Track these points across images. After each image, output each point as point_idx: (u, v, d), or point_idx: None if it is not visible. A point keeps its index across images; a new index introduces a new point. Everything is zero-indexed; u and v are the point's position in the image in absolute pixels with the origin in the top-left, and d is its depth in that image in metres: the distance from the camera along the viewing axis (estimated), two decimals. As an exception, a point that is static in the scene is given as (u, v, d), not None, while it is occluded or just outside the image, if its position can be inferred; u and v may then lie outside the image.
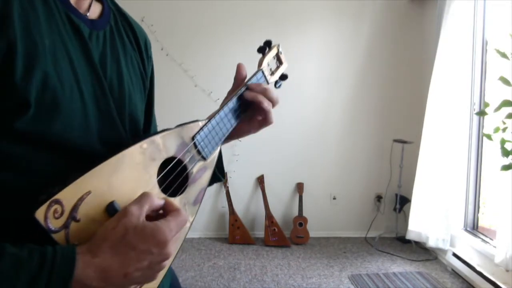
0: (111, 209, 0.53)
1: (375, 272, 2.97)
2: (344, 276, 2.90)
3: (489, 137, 2.16)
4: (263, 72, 0.82)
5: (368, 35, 3.57)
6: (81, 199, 0.50)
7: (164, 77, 3.43)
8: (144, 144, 0.57)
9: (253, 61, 0.88)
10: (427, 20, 3.45)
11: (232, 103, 0.73)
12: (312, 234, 3.54)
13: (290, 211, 3.64)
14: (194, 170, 0.67)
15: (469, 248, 2.84)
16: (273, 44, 0.87)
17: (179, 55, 3.43)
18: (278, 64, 0.90)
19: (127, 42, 0.72)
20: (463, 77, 2.87)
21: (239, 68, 0.79)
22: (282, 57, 0.90)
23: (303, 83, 3.56)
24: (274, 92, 0.77)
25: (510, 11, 2.41)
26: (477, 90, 2.90)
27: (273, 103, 0.77)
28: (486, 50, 2.89)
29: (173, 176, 0.63)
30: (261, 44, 0.86)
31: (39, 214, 0.46)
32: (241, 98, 0.74)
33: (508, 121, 2.07)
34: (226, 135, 0.73)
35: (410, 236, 3.17)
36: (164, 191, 0.62)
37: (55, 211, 0.47)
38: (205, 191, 0.70)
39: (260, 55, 0.85)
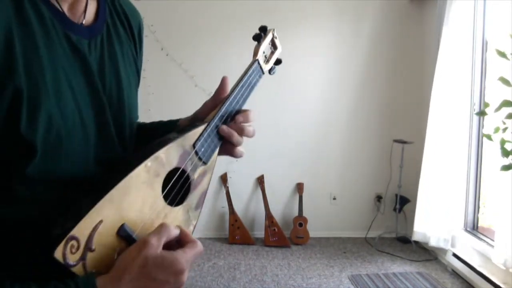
0: (122, 233, 0.54)
1: (375, 272, 2.97)
2: (344, 276, 2.90)
3: (489, 137, 2.16)
4: (258, 63, 0.81)
5: (368, 35, 3.57)
6: (94, 230, 0.51)
7: (164, 77, 3.43)
8: (148, 162, 0.58)
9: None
10: (427, 20, 3.45)
11: (225, 109, 0.73)
12: (312, 234, 3.54)
13: (290, 211, 3.64)
14: (196, 176, 0.68)
15: (469, 248, 2.84)
16: (268, 29, 0.85)
17: (179, 55, 3.43)
18: (273, 50, 0.88)
19: (123, 36, 0.71)
20: (463, 77, 2.86)
21: (224, 83, 0.74)
22: (277, 41, 0.89)
23: (303, 83, 3.57)
24: (251, 129, 0.76)
25: (510, 11, 2.40)
26: (477, 90, 2.90)
27: (250, 137, 0.76)
28: (486, 50, 2.89)
29: (178, 186, 0.65)
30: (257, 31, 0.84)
31: (58, 253, 0.48)
32: (218, 126, 0.72)
33: (508, 121, 2.07)
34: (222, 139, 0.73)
35: (416, 237, 3.13)
36: (170, 201, 0.63)
37: (71, 247, 0.49)
38: (205, 194, 0.71)
39: (255, 43, 0.83)
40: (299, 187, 3.60)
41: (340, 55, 3.57)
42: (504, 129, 2.10)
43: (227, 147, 0.75)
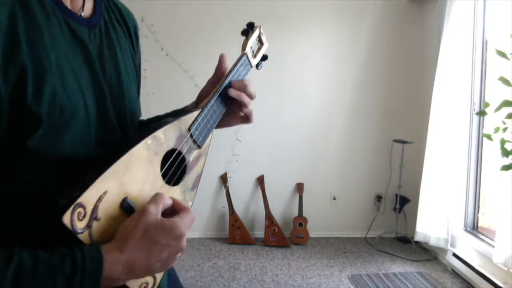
0: (125, 205, 0.57)
1: (375, 272, 2.97)
2: (344, 276, 2.90)
3: (489, 137, 2.16)
4: (247, 56, 0.85)
5: (368, 35, 3.57)
6: (99, 200, 0.53)
7: (164, 77, 3.43)
8: (148, 140, 0.61)
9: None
10: (427, 20, 3.45)
11: (219, 93, 0.77)
12: (312, 234, 3.54)
13: (290, 211, 3.64)
14: (191, 158, 0.71)
15: (469, 248, 2.84)
16: (255, 25, 0.89)
17: (179, 55, 3.43)
18: (260, 46, 0.92)
19: (120, 32, 0.74)
20: (464, 77, 2.87)
21: (222, 60, 0.80)
22: (263, 38, 0.92)
23: (303, 83, 3.57)
24: (253, 88, 0.80)
25: (510, 11, 2.41)
26: (477, 90, 2.90)
27: (252, 98, 0.80)
28: (486, 50, 2.89)
29: (174, 167, 0.68)
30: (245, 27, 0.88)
31: (66, 218, 0.50)
32: (224, 92, 0.77)
33: (508, 121, 2.07)
34: (217, 122, 0.77)
35: (418, 237, 3.12)
36: (168, 181, 0.66)
37: (79, 214, 0.51)
38: (200, 177, 0.74)
39: (243, 38, 0.87)
40: (299, 187, 3.60)
41: (340, 55, 3.57)
42: (504, 129, 2.10)
43: (235, 112, 0.80)
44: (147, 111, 0.84)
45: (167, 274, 0.66)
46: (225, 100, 0.78)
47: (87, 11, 0.67)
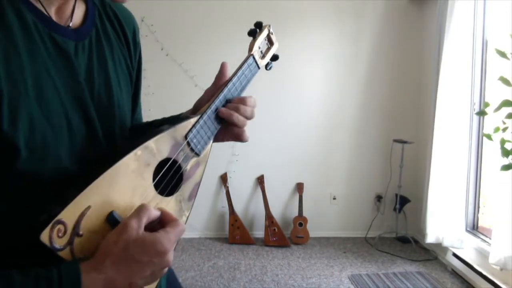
0: (111, 220, 0.54)
1: (375, 272, 2.97)
2: (344, 276, 2.90)
3: (489, 137, 2.16)
4: (253, 58, 0.81)
5: (368, 35, 3.57)
6: (82, 215, 0.51)
7: (164, 77, 3.43)
8: (138, 151, 0.59)
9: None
10: (427, 21, 3.45)
11: (220, 98, 0.73)
12: (312, 234, 3.54)
13: (290, 211, 3.64)
14: (188, 167, 0.68)
15: (469, 248, 2.84)
16: (264, 25, 0.85)
17: (179, 55, 3.43)
18: (269, 45, 0.88)
19: (114, 40, 0.71)
20: (464, 77, 2.86)
21: (223, 69, 0.77)
22: (273, 37, 0.88)
23: (302, 83, 3.57)
24: (249, 109, 0.74)
25: (510, 11, 2.41)
26: (477, 90, 2.90)
27: (249, 118, 0.75)
28: (486, 50, 2.89)
29: (169, 176, 0.65)
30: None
31: (44, 236, 0.48)
32: (216, 112, 0.73)
33: (508, 121, 2.07)
34: (218, 128, 0.73)
35: (430, 239, 3.02)
36: (161, 191, 0.63)
37: (58, 231, 0.49)
38: (199, 185, 0.71)
39: (251, 38, 0.83)
40: (299, 187, 3.60)
41: (341, 55, 3.57)
42: (504, 129, 2.10)
43: (232, 130, 0.75)
44: (147, 111, 0.83)
45: (166, 274, 0.64)
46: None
47: (76, 20, 0.65)
